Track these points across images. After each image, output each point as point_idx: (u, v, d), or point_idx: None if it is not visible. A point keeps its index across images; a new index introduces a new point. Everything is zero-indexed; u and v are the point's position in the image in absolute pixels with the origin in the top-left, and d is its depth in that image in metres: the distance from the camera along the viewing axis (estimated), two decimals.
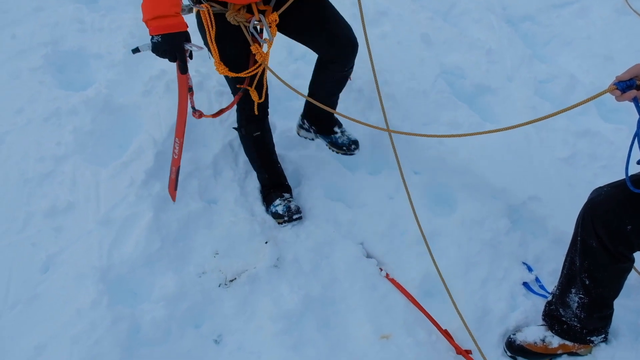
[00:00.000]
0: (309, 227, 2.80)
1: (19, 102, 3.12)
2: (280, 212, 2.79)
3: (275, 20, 2.31)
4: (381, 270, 2.68)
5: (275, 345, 2.36)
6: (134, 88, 3.31)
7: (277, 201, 2.82)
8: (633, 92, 1.69)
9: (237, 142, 3.11)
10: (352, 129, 3.16)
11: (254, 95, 2.54)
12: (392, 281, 2.64)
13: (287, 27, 2.51)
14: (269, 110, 2.78)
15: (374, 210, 2.90)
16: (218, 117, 2.62)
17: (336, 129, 3.10)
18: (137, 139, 2.99)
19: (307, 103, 3.06)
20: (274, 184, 2.88)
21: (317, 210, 2.88)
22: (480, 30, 3.98)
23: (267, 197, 2.89)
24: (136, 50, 2.22)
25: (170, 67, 3.41)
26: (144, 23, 2.12)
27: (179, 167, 2.66)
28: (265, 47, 2.40)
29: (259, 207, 2.89)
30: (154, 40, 2.09)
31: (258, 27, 2.34)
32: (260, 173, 2.90)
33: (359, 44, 2.66)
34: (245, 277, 2.58)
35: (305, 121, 3.14)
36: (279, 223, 2.81)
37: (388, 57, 3.56)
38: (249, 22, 2.28)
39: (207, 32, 2.29)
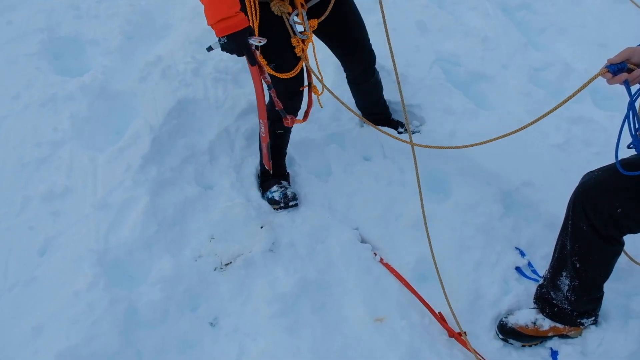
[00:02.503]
0: (305, 212, 2.83)
1: (16, 88, 3.13)
2: (277, 199, 2.81)
3: (313, 27, 2.40)
4: (375, 254, 2.72)
5: (270, 327, 2.39)
6: (130, 74, 3.31)
7: (274, 187, 2.85)
8: (624, 75, 1.71)
9: (234, 128, 3.13)
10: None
11: (315, 90, 2.60)
12: (387, 265, 2.67)
13: (319, 30, 2.54)
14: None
15: (368, 195, 2.92)
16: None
17: (400, 129, 3.20)
18: (134, 124, 3.00)
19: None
20: (274, 173, 2.92)
21: (313, 195, 2.90)
22: (476, 17, 3.99)
23: (265, 184, 2.92)
24: (210, 49, 2.27)
25: (165, 54, 3.43)
26: (210, 27, 2.14)
27: (268, 142, 2.72)
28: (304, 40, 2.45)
29: (255, 193, 2.91)
30: (221, 42, 2.14)
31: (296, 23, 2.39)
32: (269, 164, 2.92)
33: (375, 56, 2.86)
34: (240, 260, 2.61)
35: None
36: (274, 209, 2.84)
37: (383, 44, 3.56)
38: (290, 15, 2.33)
39: (251, 23, 2.27)
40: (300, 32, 2.41)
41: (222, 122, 3.13)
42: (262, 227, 2.73)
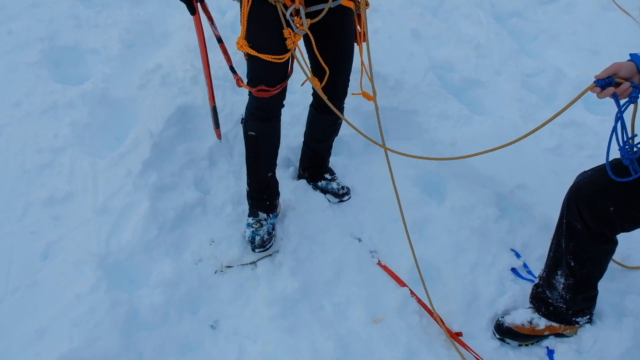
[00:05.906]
0: (304, 214, 2.86)
1: (17, 96, 3.15)
2: (247, 237, 2.70)
3: (307, 26, 2.22)
4: (373, 257, 2.75)
5: (270, 329, 2.42)
6: (129, 82, 3.35)
7: (250, 220, 2.71)
8: (611, 89, 1.80)
9: (232, 134, 3.18)
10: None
11: (316, 82, 2.42)
12: (384, 268, 2.71)
13: (315, 40, 2.42)
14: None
15: (366, 198, 2.96)
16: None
17: (327, 176, 3.03)
18: (134, 130, 3.03)
19: (302, 152, 3.05)
20: (254, 197, 2.75)
21: (311, 198, 2.94)
22: (469, 25, 4.07)
23: (250, 208, 2.79)
24: None
25: (165, 61, 3.48)
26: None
27: (214, 106, 2.78)
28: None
29: None
30: None
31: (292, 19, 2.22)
32: (248, 178, 2.72)
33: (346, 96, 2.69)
34: (240, 263, 2.64)
35: (301, 171, 3.10)
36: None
37: (379, 51, 3.63)
38: (287, 8, 2.19)
39: (244, 5, 2.19)
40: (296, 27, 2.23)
41: (221, 128, 3.16)
42: None
